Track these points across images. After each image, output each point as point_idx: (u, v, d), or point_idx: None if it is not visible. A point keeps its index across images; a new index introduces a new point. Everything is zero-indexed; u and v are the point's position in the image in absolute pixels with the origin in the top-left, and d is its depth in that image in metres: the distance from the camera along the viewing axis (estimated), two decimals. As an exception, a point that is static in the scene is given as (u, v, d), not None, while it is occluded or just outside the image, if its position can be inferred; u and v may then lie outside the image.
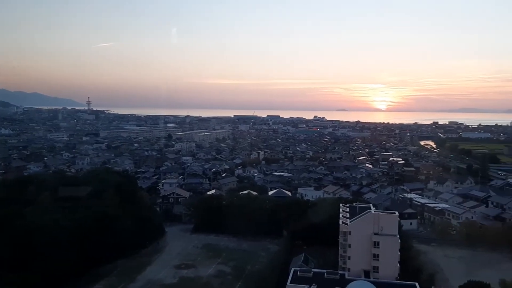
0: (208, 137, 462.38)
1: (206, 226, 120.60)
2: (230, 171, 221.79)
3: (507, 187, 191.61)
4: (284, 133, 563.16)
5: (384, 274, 76.68)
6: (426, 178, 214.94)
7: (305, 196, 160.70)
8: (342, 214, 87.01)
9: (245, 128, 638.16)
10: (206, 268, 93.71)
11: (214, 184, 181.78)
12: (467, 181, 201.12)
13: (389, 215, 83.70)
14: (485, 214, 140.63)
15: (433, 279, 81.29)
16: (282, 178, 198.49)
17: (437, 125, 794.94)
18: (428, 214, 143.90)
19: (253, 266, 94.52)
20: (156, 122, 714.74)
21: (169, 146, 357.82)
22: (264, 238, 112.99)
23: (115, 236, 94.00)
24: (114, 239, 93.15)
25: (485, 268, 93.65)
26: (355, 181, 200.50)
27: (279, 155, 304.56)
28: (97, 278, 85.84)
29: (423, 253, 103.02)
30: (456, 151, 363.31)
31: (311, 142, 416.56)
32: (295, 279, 71.00)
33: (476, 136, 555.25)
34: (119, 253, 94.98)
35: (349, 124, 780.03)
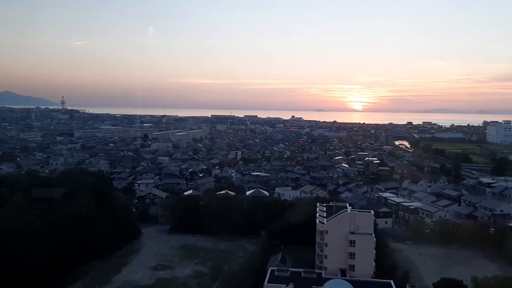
0: (185, 137, 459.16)
1: (183, 226, 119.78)
2: (208, 171, 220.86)
3: (478, 186, 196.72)
4: (261, 133, 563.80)
5: (360, 273, 77.65)
6: (400, 177, 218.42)
7: (283, 196, 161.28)
8: (319, 214, 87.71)
9: (222, 128, 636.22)
10: (183, 268, 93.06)
11: (191, 184, 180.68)
12: (440, 180, 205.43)
13: (364, 214, 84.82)
14: (457, 212, 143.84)
15: (407, 277, 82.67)
16: (260, 178, 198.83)
17: (411, 125, 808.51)
18: (403, 213, 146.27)
19: (230, 266, 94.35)
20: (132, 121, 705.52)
21: (145, 146, 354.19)
22: (241, 238, 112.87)
23: (90, 237, 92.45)
24: (89, 241, 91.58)
25: (458, 265, 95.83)
26: (331, 180, 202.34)
27: (257, 155, 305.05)
28: (72, 280, 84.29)
29: (398, 251, 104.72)
30: (429, 151, 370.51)
31: (288, 142, 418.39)
32: (273, 279, 71.17)
33: (449, 136, 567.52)
34: (95, 255, 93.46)
35: (326, 124, 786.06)
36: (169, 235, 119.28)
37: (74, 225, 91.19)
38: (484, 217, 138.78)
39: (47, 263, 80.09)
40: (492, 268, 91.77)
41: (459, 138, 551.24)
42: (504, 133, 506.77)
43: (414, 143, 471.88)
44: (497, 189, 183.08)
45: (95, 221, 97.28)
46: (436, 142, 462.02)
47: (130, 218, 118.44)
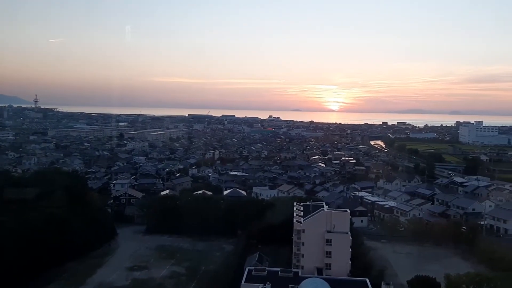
0: (162, 136, 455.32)
1: (159, 227, 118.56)
2: (184, 171, 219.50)
3: (451, 185, 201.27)
4: (239, 132, 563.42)
5: (336, 271, 78.40)
6: (376, 176, 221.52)
7: (260, 196, 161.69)
8: (296, 213, 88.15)
9: (199, 127, 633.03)
10: (159, 269, 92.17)
11: (167, 184, 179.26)
12: (414, 180, 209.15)
13: (341, 213, 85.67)
14: (431, 211, 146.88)
15: (382, 275, 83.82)
16: (237, 178, 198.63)
17: (386, 125, 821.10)
18: (378, 212, 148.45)
19: (207, 266, 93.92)
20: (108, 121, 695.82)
21: (121, 145, 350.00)
22: (218, 238, 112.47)
23: (64, 238, 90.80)
24: (63, 242, 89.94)
25: (431, 263, 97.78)
26: (308, 180, 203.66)
27: (234, 154, 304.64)
28: (45, 282, 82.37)
29: (373, 249, 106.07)
30: (404, 151, 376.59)
31: (266, 141, 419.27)
32: (250, 278, 71.21)
33: (423, 136, 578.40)
34: (69, 256, 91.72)
35: (303, 124, 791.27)
36: (145, 235, 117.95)
37: (47, 226, 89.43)
38: (456, 215, 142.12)
39: (19, 265, 78.22)
40: (464, 265, 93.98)
41: (433, 138, 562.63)
42: (476, 134, 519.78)
43: (389, 143, 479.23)
44: (469, 188, 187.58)
45: (69, 222, 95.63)
46: (410, 142, 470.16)
47: (105, 219, 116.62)
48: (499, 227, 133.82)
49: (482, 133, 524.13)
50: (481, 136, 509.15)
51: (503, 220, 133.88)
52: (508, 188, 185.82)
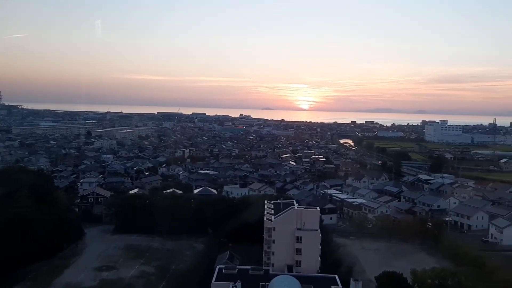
0: (131, 134, 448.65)
1: (128, 226, 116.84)
2: (154, 169, 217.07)
3: (417, 183, 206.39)
4: (210, 131, 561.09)
5: (306, 268, 79.12)
6: (345, 174, 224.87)
7: (231, 194, 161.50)
8: (267, 211, 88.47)
9: (169, 125, 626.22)
10: (128, 269, 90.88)
11: (136, 183, 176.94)
12: (382, 177, 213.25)
13: (311, 210, 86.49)
14: (398, 208, 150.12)
15: (351, 271, 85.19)
16: (208, 176, 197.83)
17: (355, 124, 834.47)
18: (347, 209, 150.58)
19: (177, 266, 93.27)
20: (75, 118, 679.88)
21: (88, 143, 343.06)
22: (189, 237, 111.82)
23: (30, 238, 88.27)
24: (28, 242, 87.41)
25: (398, 258, 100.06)
26: (279, 178, 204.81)
27: (205, 153, 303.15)
28: (10, 283, 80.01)
29: (343, 246, 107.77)
30: (372, 149, 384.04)
31: (237, 140, 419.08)
32: (220, 277, 71.07)
33: (390, 135, 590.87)
34: (34, 257, 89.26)
35: (274, 123, 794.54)
36: (114, 235, 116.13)
37: (11, 226, 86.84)
38: (422, 212, 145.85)
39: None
40: (429, 261, 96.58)
41: (400, 136, 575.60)
42: (441, 132, 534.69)
43: (358, 141, 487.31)
44: (434, 186, 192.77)
45: (34, 222, 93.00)
46: (378, 140, 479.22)
47: (72, 218, 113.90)
48: (463, 223, 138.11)
49: (446, 132, 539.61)
50: (446, 135, 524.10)
51: (466, 217, 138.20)
52: (472, 186, 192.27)
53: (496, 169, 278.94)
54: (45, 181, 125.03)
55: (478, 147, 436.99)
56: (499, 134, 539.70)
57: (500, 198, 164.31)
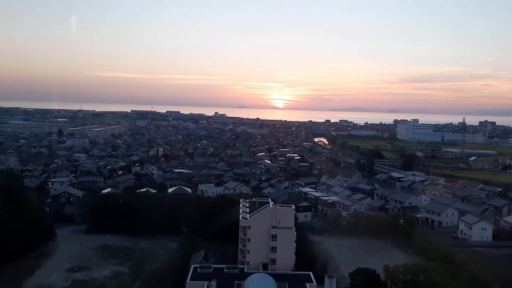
0: (103, 133, 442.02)
1: (101, 226, 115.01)
2: (127, 168, 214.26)
3: (389, 180, 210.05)
4: (184, 129, 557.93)
5: (281, 266, 79.44)
6: (319, 172, 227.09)
7: (206, 193, 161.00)
8: (242, 209, 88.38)
9: (143, 123, 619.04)
10: (101, 269, 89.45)
11: (109, 182, 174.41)
12: (355, 175, 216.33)
13: (286, 208, 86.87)
14: (371, 205, 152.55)
15: (326, 268, 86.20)
16: (182, 175, 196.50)
17: (329, 123, 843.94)
18: (321, 207, 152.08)
19: (151, 265, 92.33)
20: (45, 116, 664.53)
21: (59, 142, 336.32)
22: (163, 237, 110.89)
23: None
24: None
25: (371, 255, 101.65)
26: (254, 176, 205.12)
27: (180, 151, 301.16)
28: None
29: (317, 243, 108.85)
30: (346, 148, 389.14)
31: (212, 138, 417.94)
32: (195, 276, 70.68)
33: (363, 133, 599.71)
34: (4, 258, 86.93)
35: (249, 121, 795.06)
36: (86, 235, 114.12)
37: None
38: (394, 209, 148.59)
39: None
40: (401, 257, 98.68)
41: (372, 135, 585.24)
42: (412, 131, 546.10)
43: (332, 140, 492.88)
44: (406, 183, 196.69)
45: (3, 223, 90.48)
46: (351, 139, 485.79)
47: (43, 219, 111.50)
48: (433, 219, 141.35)
49: (418, 131, 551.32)
50: (417, 133, 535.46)
51: (437, 213, 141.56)
52: (442, 183, 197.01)
53: (465, 167, 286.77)
54: (14, 181, 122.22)
55: (448, 145, 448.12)
56: (468, 133, 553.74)
57: (469, 195, 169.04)
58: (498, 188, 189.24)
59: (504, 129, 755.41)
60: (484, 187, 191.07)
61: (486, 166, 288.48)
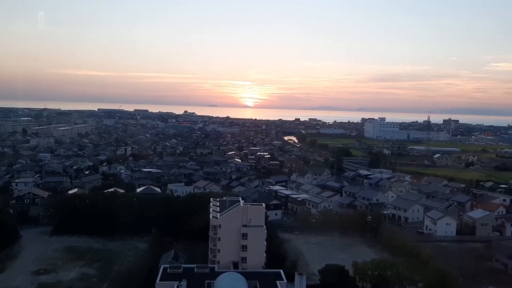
0: (69, 132, 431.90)
1: (67, 227, 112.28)
2: (94, 168, 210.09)
3: (357, 178, 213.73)
4: (153, 128, 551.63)
5: (252, 264, 79.75)
6: (289, 171, 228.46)
7: (176, 192, 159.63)
8: (213, 208, 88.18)
9: (110, 122, 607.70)
10: (68, 272, 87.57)
11: (76, 183, 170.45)
12: (324, 173, 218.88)
13: (256, 207, 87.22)
14: (340, 202, 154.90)
15: (296, 265, 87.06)
16: (151, 175, 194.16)
17: (299, 121, 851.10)
18: (292, 204, 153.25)
19: (120, 266, 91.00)
20: (8, 115, 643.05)
21: (23, 141, 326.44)
22: (132, 237, 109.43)
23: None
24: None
25: (340, 251, 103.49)
26: (225, 175, 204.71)
27: (148, 150, 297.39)
28: None
29: (287, 241, 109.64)
30: (315, 146, 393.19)
31: (181, 137, 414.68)
32: (165, 276, 70.07)
33: (332, 132, 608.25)
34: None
35: (219, 120, 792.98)
36: (52, 236, 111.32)
37: None
38: (362, 206, 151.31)
39: None
40: (369, 253, 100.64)
41: (341, 133, 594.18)
42: (379, 129, 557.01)
43: (302, 138, 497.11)
44: (373, 180, 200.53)
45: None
46: (321, 137, 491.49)
47: (6, 220, 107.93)
48: (400, 216, 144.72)
49: (385, 129, 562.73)
50: (384, 131, 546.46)
51: (403, 210, 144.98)
52: (408, 180, 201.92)
53: (430, 164, 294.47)
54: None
55: (413, 143, 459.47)
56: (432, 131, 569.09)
57: (434, 192, 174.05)
58: (462, 184, 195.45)
59: (467, 127, 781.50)
60: (448, 183, 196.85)
61: (450, 163, 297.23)
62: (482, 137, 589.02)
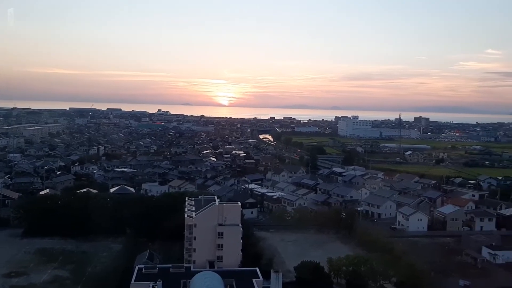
0: (40, 131, 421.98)
1: (39, 229, 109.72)
2: (66, 168, 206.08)
3: (332, 175, 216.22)
4: (126, 127, 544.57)
5: (228, 263, 79.81)
6: (265, 169, 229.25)
7: (150, 192, 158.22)
8: (188, 208, 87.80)
9: (82, 122, 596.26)
10: (40, 274, 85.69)
11: (47, 183, 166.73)
12: (299, 171, 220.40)
13: (232, 205, 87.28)
14: (314, 200, 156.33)
15: (272, 263, 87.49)
16: (125, 174, 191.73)
17: (273, 120, 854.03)
18: (267, 203, 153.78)
19: (94, 268, 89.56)
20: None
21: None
22: (106, 238, 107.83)
23: None
24: None
25: (316, 248, 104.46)
26: (200, 174, 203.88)
27: (121, 150, 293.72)
28: None
29: (263, 239, 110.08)
30: (290, 144, 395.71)
31: (155, 136, 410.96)
32: (140, 277, 69.33)
33: (307, 130, 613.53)
34: None
35: (194, 119, 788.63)
36: (23, 239, 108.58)
37: None
38: (337, 203, 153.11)
39: None
40: (344, 249, 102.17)
41: (315, 132, 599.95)
42: (353, 127, 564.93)
43: (277, 136, 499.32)
44: (347, 178, 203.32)
45: None
46: (295, 135, 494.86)
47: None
48: (373, 212, 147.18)
49: (358, 127, 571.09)
50: (357, 129, 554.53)
51: (376, 206, 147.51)
52: (381, 177, 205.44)
53: (402, 161, 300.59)
54: None
55: (385, 140, 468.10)
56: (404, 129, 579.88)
57: (406, 188, 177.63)
58: (432, 180, 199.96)
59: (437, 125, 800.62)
60: (420, 180, 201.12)
61: (421, 160, 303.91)
62: (451, 134, 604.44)
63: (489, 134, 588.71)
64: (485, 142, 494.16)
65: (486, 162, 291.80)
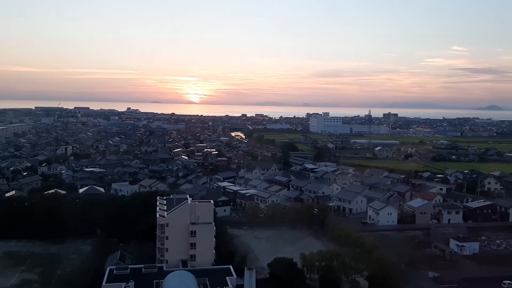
0: (5, 131, 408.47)
1: (5, 232, 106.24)
2: (33, 169, 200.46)
3: (304, 172, 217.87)
4: (94, 126, 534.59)
5: (201, 261, 79.45)
6: (237, 166, 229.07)
7: (120, 192, 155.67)
8: (159, 207, 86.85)
9: (49, 121, 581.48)
10: (7, 278, 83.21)
11: (13, 185, 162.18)
12: (272, 168, 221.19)
13: (204, 204, 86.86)
14: (287, 196, 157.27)
15: (245, 260, 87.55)
16: (94, 174, 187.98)
17: (245, 117, 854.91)
18: (240, 200, 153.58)
19: (63, 270, 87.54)
20: None
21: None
22: (75, 240, 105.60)
23: None
24: None
25: (289, 244, 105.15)
26: (171, 173, 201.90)
27: (90, 149, 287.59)
28: None
29: (236, 236, 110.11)
30: (262, 141, 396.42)
31: (124, 135, 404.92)
32: (111, 278, 68.18)
33: (278, 127, 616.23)
34: None
35: (164, 117, 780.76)
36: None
37: None
38: (309, 199, 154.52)
39: None
40: (317, 244, 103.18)
41: (287, 128, 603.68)
42: (324, 124, 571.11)
43: (249, 134, 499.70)
44: (319, 174, 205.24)
45: None
46: (267, 132, 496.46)
47: None
48: (344, 207, 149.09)
49: (328, 124, 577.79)
50: (328, 126, 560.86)
51: (347, 201, 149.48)
52: (351, 172, 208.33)
53: (372, 157, 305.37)
54: None
55: (356, 136, 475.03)
56: (373, 125, 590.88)
57: (376, 183, 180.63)
58: (401, 175, 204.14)
59: (405, 120, 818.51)
60: (389, 174, 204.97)
61: (390, 155, 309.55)
62: (419, 129, 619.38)
63: (456, 129, 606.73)
64: (451, 136, 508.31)
65: (452, 156, 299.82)
